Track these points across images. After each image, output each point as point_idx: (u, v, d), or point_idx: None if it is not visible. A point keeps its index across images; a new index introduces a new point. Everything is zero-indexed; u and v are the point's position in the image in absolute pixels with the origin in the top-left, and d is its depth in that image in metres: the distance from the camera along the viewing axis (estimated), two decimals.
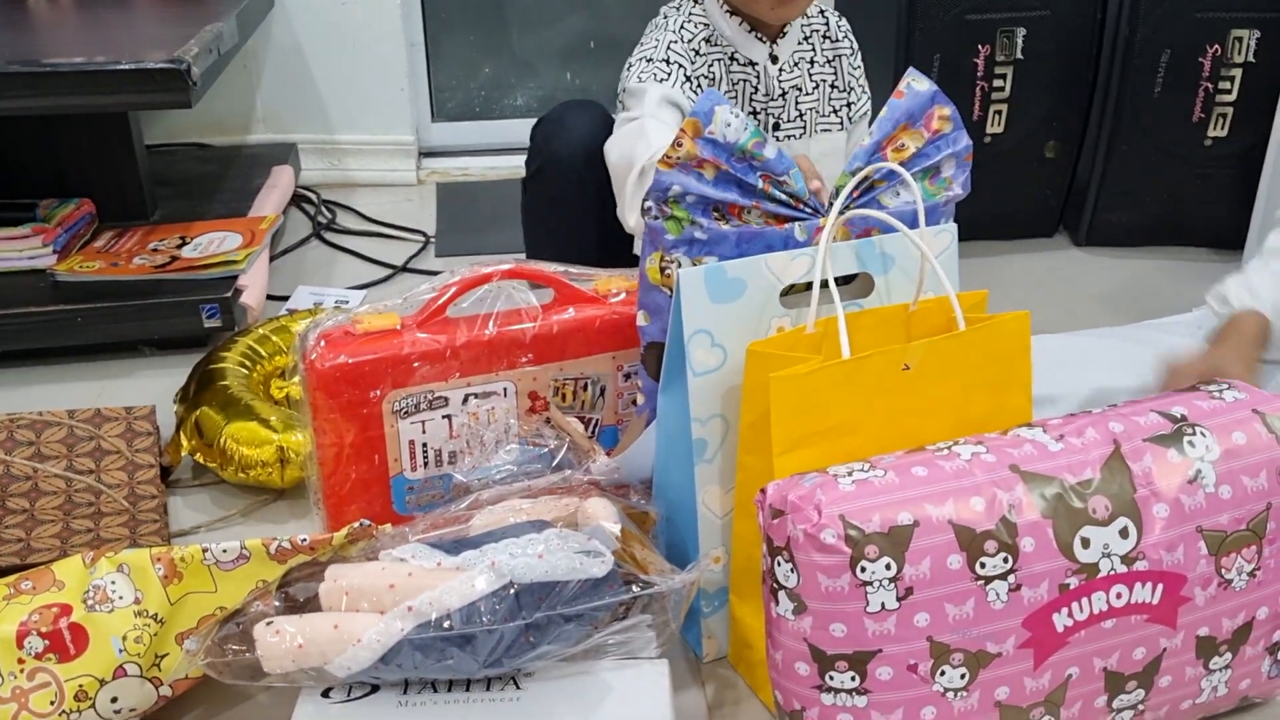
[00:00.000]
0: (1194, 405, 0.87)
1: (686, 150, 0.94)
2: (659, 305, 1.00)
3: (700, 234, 0.96)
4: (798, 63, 1.39)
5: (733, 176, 0.95)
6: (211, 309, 1.54)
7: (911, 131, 1.00)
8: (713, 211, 0.97)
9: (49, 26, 1.77)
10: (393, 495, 1.07)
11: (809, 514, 0.77)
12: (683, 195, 0.95)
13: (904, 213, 0.98)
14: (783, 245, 0.97)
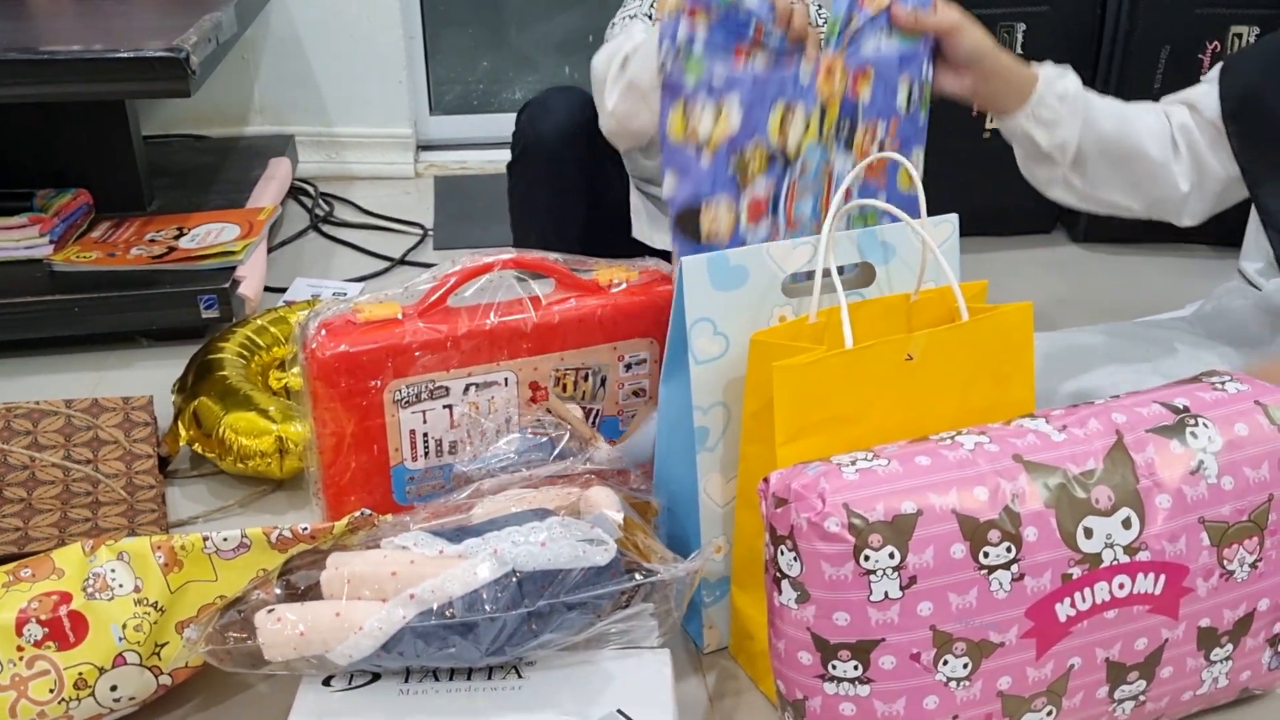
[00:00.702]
0: (1196, 396, 0.88)
1: (672, 2, 0.98)
2: (686, 163, 1.00)
3: (717, 78, 0.99)
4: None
5: (729, 23, 0.98)
6: (209, 300, 1.53)
7: None
8: (719, 57, 0.99)
9: (48, 15, 1.76)
10: (393, 485, 1.07)
11: (813, 502, 0.77)
12: (691, 42, 0.98)
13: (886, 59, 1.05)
14: (792, 84, 1.01)
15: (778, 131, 1.02)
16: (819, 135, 1.04)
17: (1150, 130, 1.15)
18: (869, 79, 1.05)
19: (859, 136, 1.06)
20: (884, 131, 1.07)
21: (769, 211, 1.06)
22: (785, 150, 1.04)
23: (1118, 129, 1.13)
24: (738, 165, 1.02)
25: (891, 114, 1.07)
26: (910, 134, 1.09)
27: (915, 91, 1.08)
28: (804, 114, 1.03)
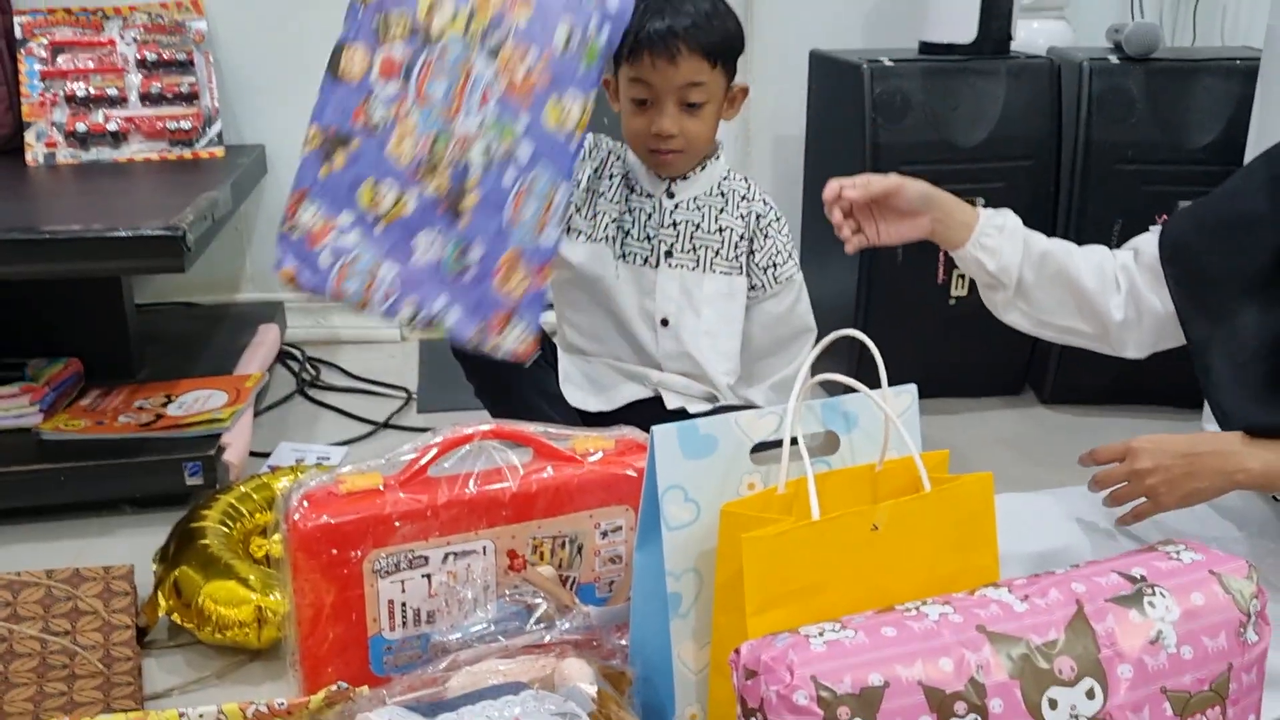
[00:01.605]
0: (1152, 565, 0.90)
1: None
2: (353, 10, 1.27)
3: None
4: (701, 206, 1.48)
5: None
6: (194, 467, 1.56)
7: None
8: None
9: (49, 194, 1.84)
10: (370, 656, 1.08)
11: (781, 675, 0.78)
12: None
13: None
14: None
15: (425, 12, 1.21)
16: (464, 30, 1.21)
17: (1089, 263, 1.26)
18: (529, 6, 1.22)
19: (507, 51, 1.22)
20: (534, 59, 1.23)
21: (401, 76, 1.24)
22: (429, 31, 1.22)
23: (1057, 260, 1.26)
24: (380, 23, 1.23)
25: (546, 46, 1.23)
26: (564, 75, 1.23)
27: (576, 38, 1.23)
28: (453, 5, 1.22)
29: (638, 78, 1.40)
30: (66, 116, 2.03)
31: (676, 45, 1.36)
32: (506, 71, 1.21)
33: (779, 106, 2.40)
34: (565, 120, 1.21)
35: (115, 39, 2.06)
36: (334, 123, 1.25)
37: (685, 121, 1.41)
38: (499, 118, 1.22)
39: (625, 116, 1.44)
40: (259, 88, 2.21)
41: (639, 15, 1.38)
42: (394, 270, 1.26)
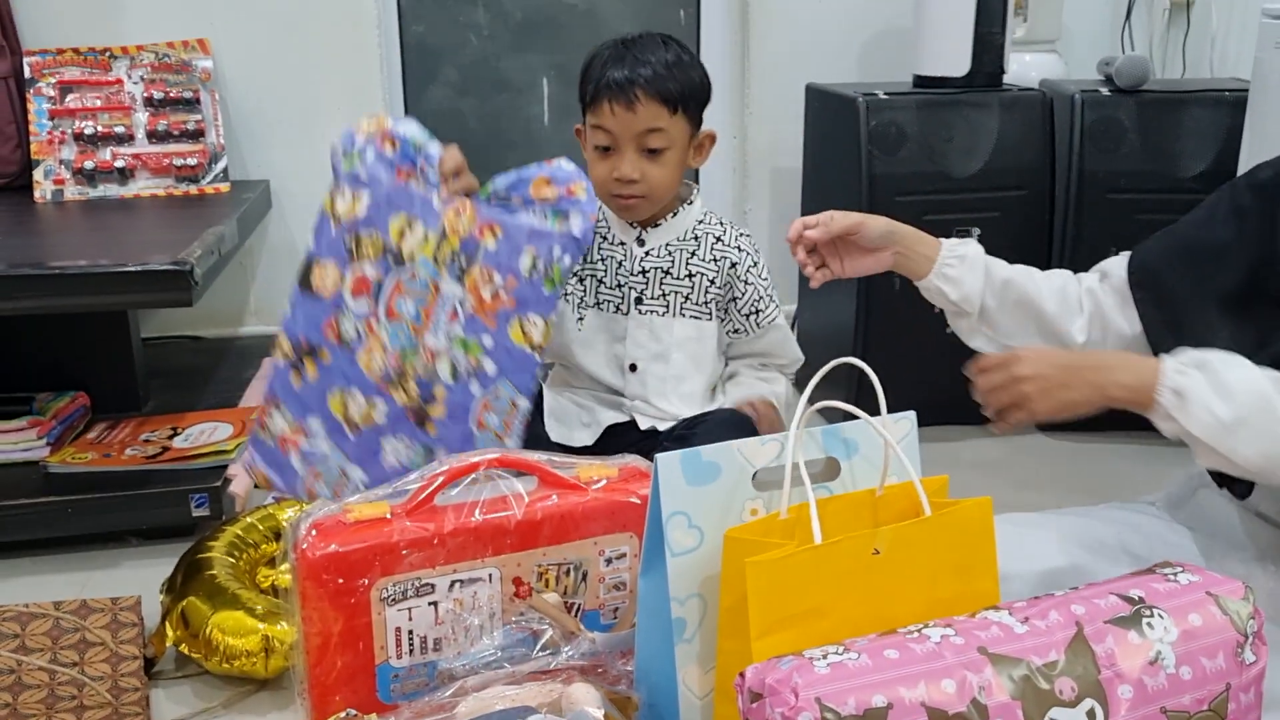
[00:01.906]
0: (1150, 587, 0.91)
1: (376, 125, 1.31)
2: (322, 226, 1.31)
3: (362, 174, 1.29)
4: (673, 252, 1.50)
5: (407, 154, 1.30)
6: (200, 498, 1.57)
7: (553, 186, 1.33)
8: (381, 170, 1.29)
9: (57, 229, 1.87)
10: (377, 684, 1.09)
11: (786, 697, 0.80)
12: (364, 150, 1.30)
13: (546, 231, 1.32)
14: (421, 204, 1.29)
15: (396, 234, 1.28)
16: (434, 254, 1.28)
17: (1051, 288, 1.29)
18: (495, 233, 1.29)
19: (474, 274, 1.29)
20: (500, 281, 1.29)
21: (372, 294, 1.30)
22: (399, 252, 1.28)
23: (1018, 287, 1.29)
24: (353, 242, 1.29)
25: (510, 271, 1.29)
26: (529, 298, 1.31)
27: (541, 265, 1.30)
28: (423, 230, 1.28)
29: (599, 125, 1.43)
30: (74, 154, 2.06)
31: (634, 92, 1.40)
32: (474, 292, 1.29)
33: (776, 140, 2.43)
34: (529, 338, 1.30)
35: (123, 78, 2.09)
36: (305, 334, 1.30)
37: (646, 167, 1.44)
38: (466, 334, 1.30)
39: (590, 163, 1.47)
40: (264, 124, 2.25)
41: (602, 64, 1.43)
42: (362, 473, 1.33)
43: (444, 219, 1.28)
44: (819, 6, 2.37)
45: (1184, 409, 1.06)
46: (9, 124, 2.04)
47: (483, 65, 2.52)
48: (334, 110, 2.27)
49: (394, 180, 1.29)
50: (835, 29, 2.38)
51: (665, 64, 1.43)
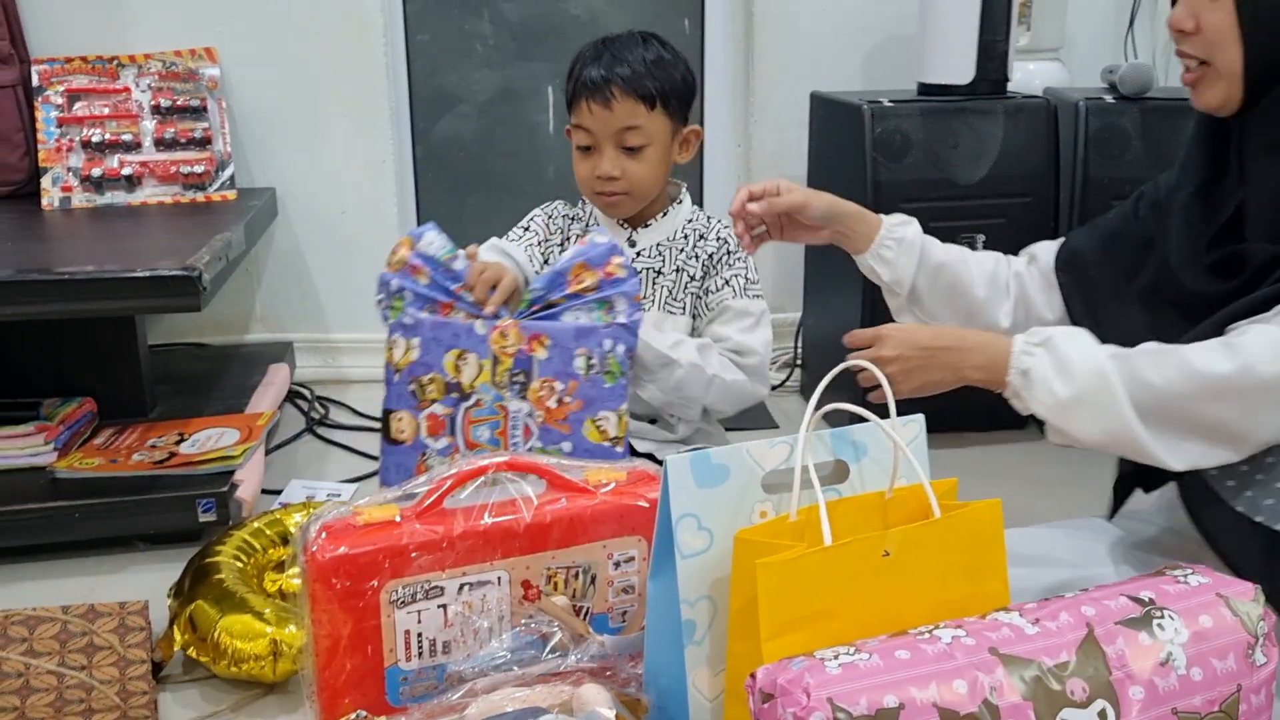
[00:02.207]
0: (1160, 589, 0.92)
1: (400, 256, 1.34)
2: (389, 377, 1.34)
3: (407, 319, 1.32)
4: (663, 251, 1.51)
5: (438, 283, 1.32)
6: (207, 504, 1.57)
7: (590, 270, 1.33)
8: (425, 307, 1.32)
9: (65, 236, 1.88)
10: (386, 687, 1.08)
11: (798, 697, 0.80)
12: (401, 291, 1.33)
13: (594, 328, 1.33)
14: (466, 335, 1.32)
15: (453, 370, 1.32)
16: (491, 379, 1.31)
17: (982, 272, 1.33)
18: (544, 344, 1.32)
19: (534, 387, 1.31)
20: (561, 388, 1.32)
21: (447, 431, 1.33)
22: (460, 385, 1.32)
23: (951, 271, 1.33)
24: (416, 389, 1.32)
25: (568, 376, 1.32)
26: (594, 396, 1.32)
27: (596, 362, 1.32)
28: (476, 360, 1.31)
29: (579, 124, 1.46)
30: (82, 162, 2.07)
31: (610, 90, 1.42)
32: (539, 405, 1.32)
33: (780, 148, 2.44)
34: (604, 434, 1.32)
35: (130, 86, 2.10)
36: (398, 481, 1.29)
37: (626, 164, 1.45)
38: (545, 446, 1.33)
39: (574, 162, 1.49)
40: (270, 132, 2.25)
41: (582, 64, 1.45)
42: None
43: (491, 344, 1.31)
44: (822, 15, 2.38)
45: (1029, 389, 1.10)
46: (17, 132, 2.05)
47: (487, 74, 2.53)
48: (340, 119, 2.28)
49: (437, 317, 1.32)
50: (839, 37, 2.39)
51: (643, 61, 1.44)
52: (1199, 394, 1.04)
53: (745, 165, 2.50)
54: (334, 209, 2.32)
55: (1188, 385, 1.04)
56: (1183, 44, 1.15)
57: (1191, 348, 1.06)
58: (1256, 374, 1.02)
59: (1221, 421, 1.05)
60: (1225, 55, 1.11)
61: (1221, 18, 1.10)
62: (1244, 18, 1.09)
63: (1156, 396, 1.05)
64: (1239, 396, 1.03)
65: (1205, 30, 1.12)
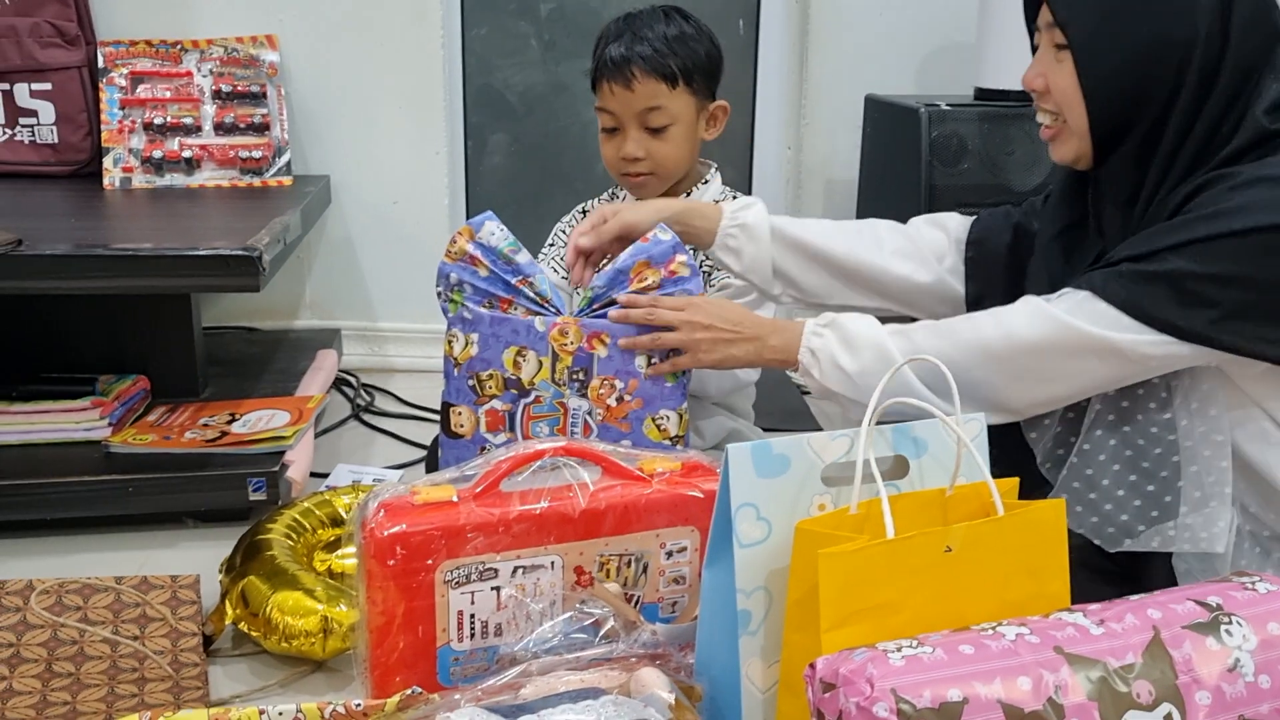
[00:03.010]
0: (1228, 595, 0.90)
1: (459, 247, 1.30)
2: (449, 371, 1.32)
3: (467, 314, 1.29)
4: None
5: (498, 276, 1.29)
6: (258, 483, 1.58)
7: (653, 269, 1.29)
8: (485, 301, 1.29)
9: (126, 215, 1.90)
10: (438, 667, 1.09)
11: (861, 687, 0.79)
12: (461, 284, 1.29)
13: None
14: (526, 332, 1.29)
15: (512, 366, 1.29)
16: (551, 376, 1.29)
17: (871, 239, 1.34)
18: (605, 341, 1.29)
19: (594, 385, 1.30)
20: (622, 386, 1.29)
21: (506, 427, 1.32)
22: (520, 382, 1.30)
23: (816, 245, 1.33)
24: (475, 384, 1.31)
25: (629, 374, 1.29)
26: (654, 395, 1.30)
27: (657, 360, 1.29)
28: (535, 357, 1.29)
29: (602, 106, 1.45)
30: (143, 143, 2.10)
31: (630, 70, 1.40)
32: (599, 403, 1.30)
33: (831, 152, 2.43)
34: (665, 433, 1.30)
35: (193, 70, 2.13)
36: None
37: (651, 144, 1.43)
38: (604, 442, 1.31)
39: (600, 144, 1.48)
40: (326, 120, 2.28)
41: (605, 43, 1.43)
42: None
43: (551, 341, 1.29)
44: (879, 18, 2.37)
45: (817, 365, 1.17)
46: (81, 112, 2.08)
47: (541, 68, 2.54)
48: (395, 110, 2.30)
49: (496, 313, 1.30)
50: (895, 41, 2.38)
51: (664, 39, 1.41)
52: (965, 361, 1.12)
53: (795, 168, 2.49)
54: (386, 199, 2.34)
55: (955, 352, 1.12)
56: (1038, 101, 1.19)
57: (965, 318, 1.17)
58: (1011, 341, 1.11)
59: (983, 384, 1.13)
60: (1073, 114, 1.15)
61: (1066, 79, 1.14)
62: (1084, 79, 1.13)
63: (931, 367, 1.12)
64: (996, 362, 1.12)
65: (1053, 91, 1.16)
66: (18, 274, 1.52)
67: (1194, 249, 1.06)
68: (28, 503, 1.56)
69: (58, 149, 2.09)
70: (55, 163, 2.10)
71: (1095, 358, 1.10)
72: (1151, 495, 1.12)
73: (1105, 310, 1.09)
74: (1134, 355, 1.09)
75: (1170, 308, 1.07)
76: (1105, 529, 1.13)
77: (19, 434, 1.66)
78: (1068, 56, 1.13)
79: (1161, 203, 1.12)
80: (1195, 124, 1.10)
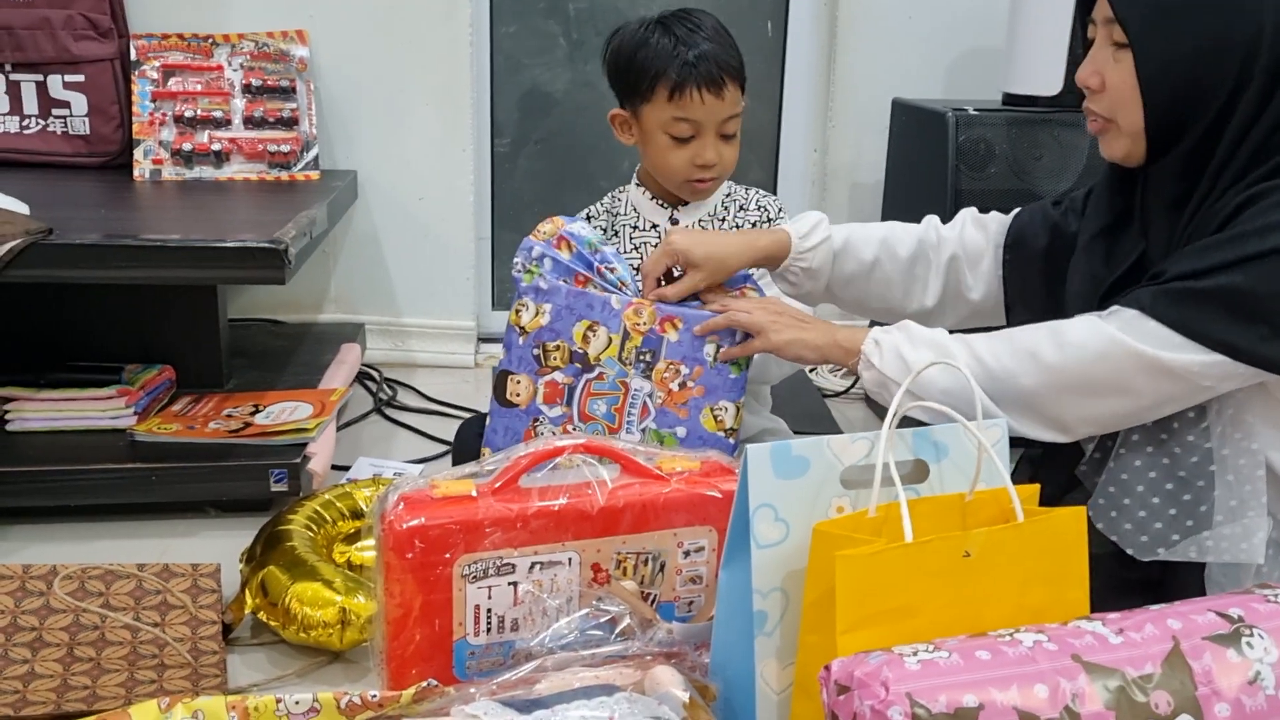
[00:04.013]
0: (1250, 607, 0.89)
1: (549, 229, 1.32)
2: (511, 340, 1.32)
3: (543, 284, 1.31)
4: (705, 226, 1.48)
5: (582, 256, 1.31)
6: (280, 473, 1.60)
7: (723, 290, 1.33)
8: (563, 278, 1.31)
9: (155, 206, 1.92)
10: (454, 660, 1.09)
11: (876, 690, 0.79)
12: (542, 258, 1.31)
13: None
14: (600, 308, 1.30)
15: (580, 340, 1.29)
16: (618, 354, 1.29)
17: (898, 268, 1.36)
18: (677, 326, 1.29)
19: (660, 368, 1.29)
20: (686, 372, 1.29)
21: (564, 401, 1.30)
22: (586, 356, 1.30)
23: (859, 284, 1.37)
24: (540, 353, 1.30)
25: (695, 361, 1.28)
26: (717, 385, 1.29)
27: (728, 345, 1.29)
28: (606, 334, 1.29)
29: (683, 116, 1.38)
30: (174, 136, 2.12)
31: (722, 77, 1.37)
32: (662, 386, 1.30)
33: (857, 155, 2.43)
34: (721, 425, 1.30)
35: (223, 64, 2.15)
36: (505, 444, 1.31)
37: (723, 150, 1.42)
38: (659, 428, 1.31)
39: (660, 152, 1.41)
40: (354, 116, 2.29)
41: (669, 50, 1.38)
42: None
43: (624, 319, 1.30)
44: (909, 22, 2.36)
45: (879, 353, 1.18)
46: (112, 104, 2.10)
47: (568, 67, 2.54)
48: (423, 106, 2.31)
49: (573, 287, 1.30)
50: (923, 45, 2.37)
51: (729, 43, 1.40)
52: (1017, 368, 1.12)
53: (821, 170, 2.49)
54: (412, 195, 2.35)
55: (1010, 359, 1.13)
56: (1089, 100, 1.17)
57: (1023, 328, 1.16)
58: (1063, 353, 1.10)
59: (1035, 396, 1.12)
60: (1127, 113, 1.13)
61: (1123, 77, 1.12)
62: (1142, 78, 1.10)
63: (986, 370, 1.13)
64: (1047, 373, 1.11)
65: (1109, 89, 1.14)
66: (48, 263, 1.54)
67: (1247, 267, 1.04)
68: (53, 489, 1.57)
69: (89, 140, 2.12)
70: (87, 154, 2.12)
71: (1145, 376, 1.08)
72: (1187, 504, 1.10)
73: (1156, 329, 1.07)
74: (1185, 374, 1.07)
75: (1223, 326, 1.05)
76: (1138, 537, 1.11)
77: (46, 421, 1.68)
78: (1126, 55, 1.11)
79: (1210, 209, 1.10)
80: (1253, 128, 1.08)
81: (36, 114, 2.10)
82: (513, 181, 2.56)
